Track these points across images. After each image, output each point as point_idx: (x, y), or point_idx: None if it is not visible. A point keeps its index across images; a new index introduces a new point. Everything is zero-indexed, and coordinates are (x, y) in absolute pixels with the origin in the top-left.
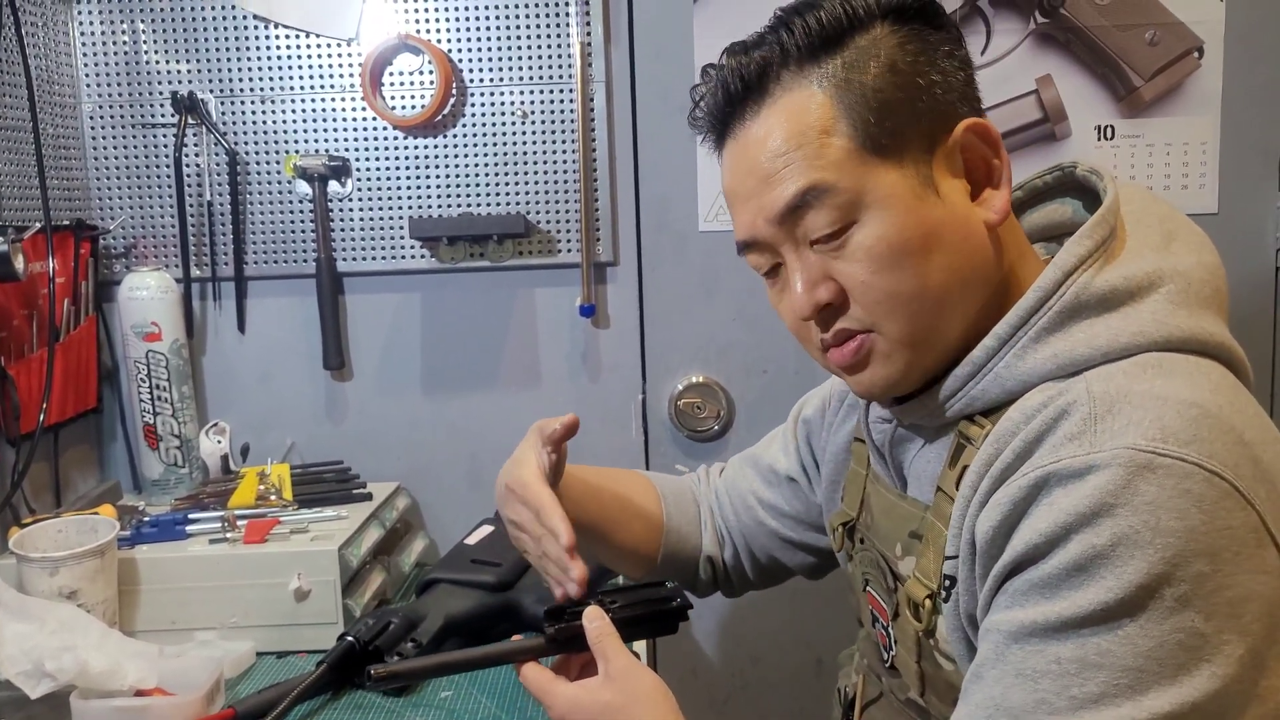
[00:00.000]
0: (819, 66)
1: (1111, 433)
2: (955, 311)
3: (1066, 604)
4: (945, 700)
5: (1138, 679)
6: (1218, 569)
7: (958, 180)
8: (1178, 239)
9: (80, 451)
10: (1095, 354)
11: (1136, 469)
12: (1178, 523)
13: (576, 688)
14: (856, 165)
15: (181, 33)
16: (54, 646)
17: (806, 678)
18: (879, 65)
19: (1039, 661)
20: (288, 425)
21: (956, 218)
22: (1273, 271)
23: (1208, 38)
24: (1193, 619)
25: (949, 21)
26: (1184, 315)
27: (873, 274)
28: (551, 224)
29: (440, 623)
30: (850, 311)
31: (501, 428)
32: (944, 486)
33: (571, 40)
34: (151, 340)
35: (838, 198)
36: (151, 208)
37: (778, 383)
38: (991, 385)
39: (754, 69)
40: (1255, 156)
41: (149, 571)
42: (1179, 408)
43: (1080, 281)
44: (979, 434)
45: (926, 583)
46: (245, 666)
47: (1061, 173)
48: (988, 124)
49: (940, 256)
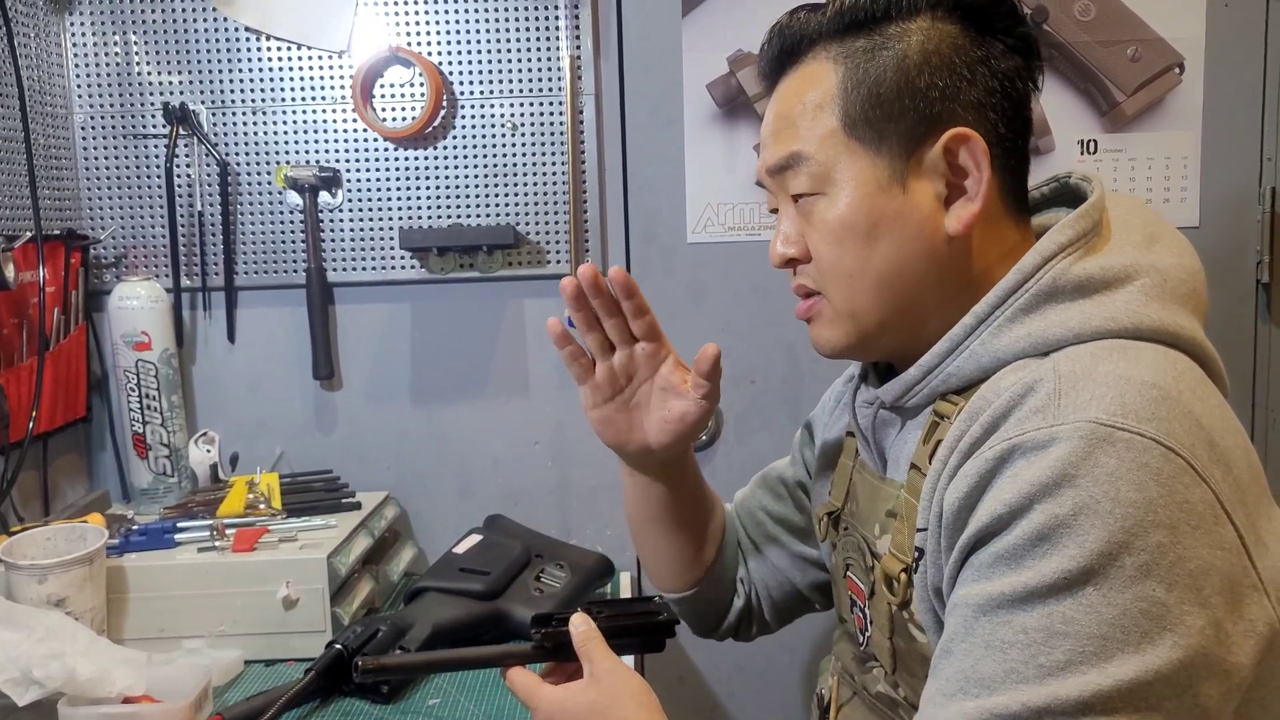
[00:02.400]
0: (843, 44)
1: (1074, 407)
2: (900, 299)
3: (1031, 574)
4: (916, 676)
5: (1102, 646)
6: (1177, 540)
7: (933, 182)
8: (1160, 241)
9: (69, 460)
10: (1067, 335)
11: (1096, 441)
12: (1136, 494)
13: (561, 690)
14: (835, 144)
15: (174, 44)
16: (42, 654)
17: (792, 686)
18: (889, 57)
19: (1007, 632)
20: (277, 434)
21: (915, 216)
22: (1253, 284)
23: (1189, 54)
24: (1154, 588)
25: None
26: (1157, 307)
27: (823, 243)
28: (541, 235)
29: (428, 630)
30: (808, 268)
31: (490, 438)
32: (918, 462)
33: (561, 53)
34: (141, 349)
35: (812, 168)
36: (142, 218)
37: (765, 393)
38: (967, 362)
39: (793, 38)
40: (1236, 171)
41: (137, 579)
42: (1140, 387)
43: (1060, 267)
44: (952, 410)
45: (901, 557)
46: (233, 674)
47: (1058, 184)
48: (972, 135)
49: (884, 245)
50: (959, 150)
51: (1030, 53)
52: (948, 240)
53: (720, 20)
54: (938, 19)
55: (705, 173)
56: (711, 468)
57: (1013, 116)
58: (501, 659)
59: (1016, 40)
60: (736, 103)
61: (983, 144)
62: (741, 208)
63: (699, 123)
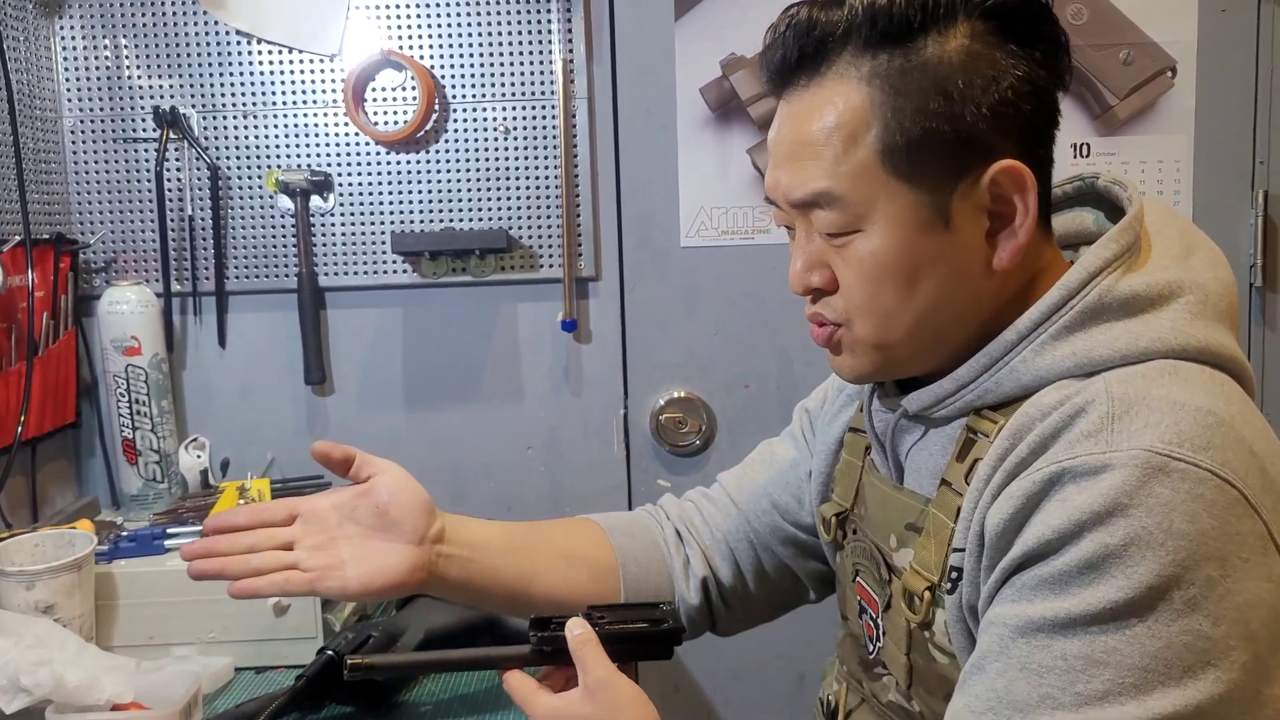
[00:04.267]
0: (875, 59)
1: (1129, 433)
2: (936, 334)
3: (1076, 601)
4: (936, 694)
5: (1143, 679)
6: (1227, 574)
7: (977, 215)
8: (1197, 253)
9: (58, 467)
10: (1114, 356)
11: (1152, 471)
12: (1189, 526)
13: (557, 699)
14: (872, 179)
15: (164, 48)
16: (30, 661)
17: (788, 693)
18: (931, 85)
19: (1045, 656)
20: (268, 440)
21: (960, 253)
22: (1247, 287)
23: (1181, 57)
24: (1201, 622)
25: (1047, 34)
26: (1200, 326)
27: (858, 281)
28: (534, 239)
29: (421, 637)
30: (833, 300)
31: (483, 443)
32: (950, 480)
33: (554, 57)
34: (131, 355)
35: (847, 207)
36: (132, 222)
37: (760, 397)
38: (1007, 378)
39: (813, 42)
40: (1228, 174)
41: (127, 586)
42: (1195, 414)
43: (1105, 284)
44: (991, 428)
45: (926, 575)
46: (223, 682)
47: (1082, 183)
48: (1021, 168)
49: (927, 287)
50: (1005, 183)
51: (1062, 55)
52: (989, 274)
53: (713, 23)
54: (975, 29)
55: (698, 176)
56: (705, 473)
57: (1047, 134)
58: (497, 661)
59: (1049, 46)
60: (730, 106)
61: (1031, 176)
62: (735, 212)
63: (692, 126)
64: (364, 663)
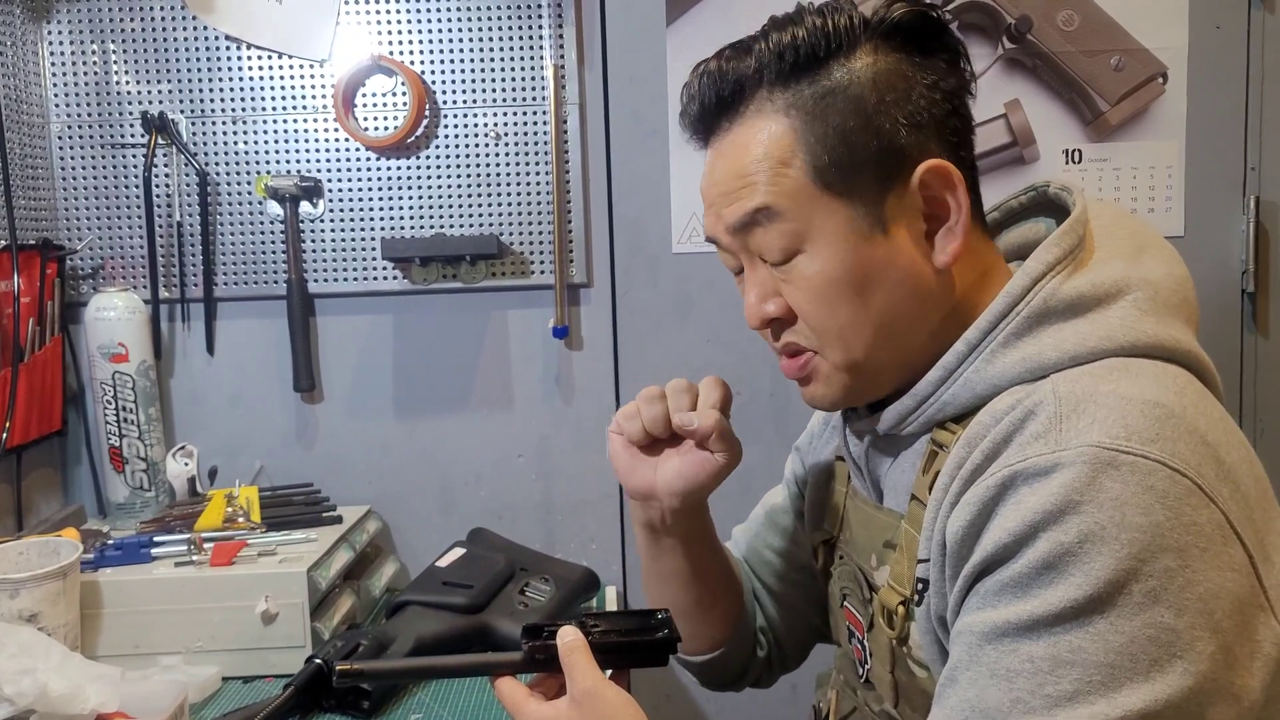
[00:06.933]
0: (789, 91)
1: (1076, 431)
2: (898, 341)
3: (1038, 602)
4: (919, 710)
5: (1110, 675)
6: (1186, 564)
7: (911, 219)
8: (1148, 252)
9: (44, 475)
10: (1063, 358)
11: (1100, 466)
12: (1143, 519)
13: (547, 707)
14: (807, 199)
15: (152, 53)
16: (13, 670)
17: (781, 704)
18: (844, 100)
19: (1013, 661)
20: (257, 448)
21: (902, 257)
22: (1239, 293)
23: (1172, 64)
24: (1163, 614)
25: (947, 44)
26: (1151, 322)
27: (810, 303)
28: (525, 245)
29: (411, 645)
30: (798, 327)
31: (473, 451)
32: (918, 493)
33: (545, 62)
34: (118, 361)
35: (786, 224)
36: (120, 228)
37: (753, 405)
38: (962, 390)
39: (729, 86)
40: (1220, 180)
41: (112, 595)
42: (1143, 407)
43: (1049, 288)
44: (950, 439)
45: (900, 589)
46: (210, 691)
47: (1035, 192)
48: (947, 166)
49: (879, 295)
50: (934, 182)
51: (962, 62)
52: (935, 274)
53: (704, 29)
54: (879, 49)
55: (690, 183)
56: None
57: (965, 134)
58: (487, 668)
59: (950, 54)
60: None
61: (956, 172)
62: None
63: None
64: (353, 669)
